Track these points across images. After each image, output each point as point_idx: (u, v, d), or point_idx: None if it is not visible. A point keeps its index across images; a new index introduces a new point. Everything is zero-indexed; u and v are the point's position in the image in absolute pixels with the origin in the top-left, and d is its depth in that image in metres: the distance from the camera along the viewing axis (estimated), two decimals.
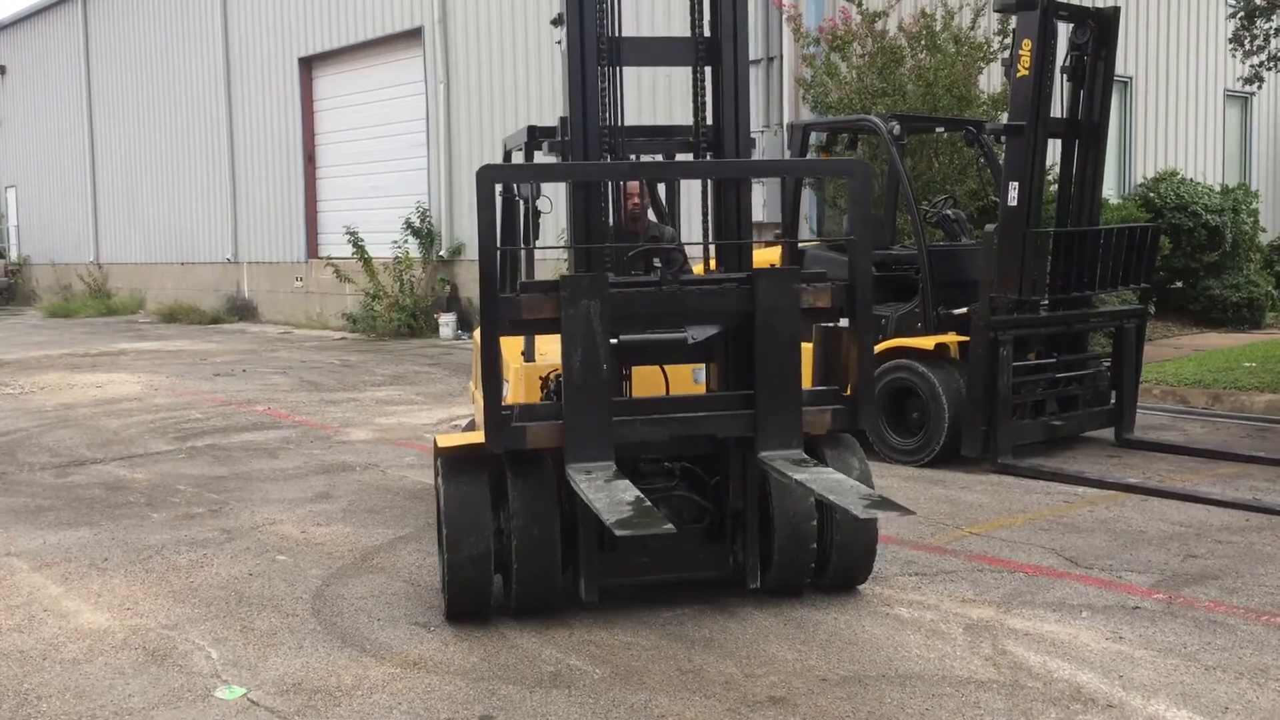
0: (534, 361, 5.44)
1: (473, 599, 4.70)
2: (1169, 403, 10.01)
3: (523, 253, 5.78)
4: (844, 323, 4.64)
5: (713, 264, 5.01)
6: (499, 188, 6.31)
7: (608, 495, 4.06)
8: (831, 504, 4.04)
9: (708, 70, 4.92)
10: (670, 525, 3.87)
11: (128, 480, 7.68)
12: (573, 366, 4.33)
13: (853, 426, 4.65)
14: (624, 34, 4.89)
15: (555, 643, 4.53)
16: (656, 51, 5.32)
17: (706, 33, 4.93)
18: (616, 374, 4.53)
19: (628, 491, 4.10)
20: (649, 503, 4.00)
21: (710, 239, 4.97)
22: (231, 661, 4.41)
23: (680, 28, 5.07)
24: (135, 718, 3.92)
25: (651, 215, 6.52)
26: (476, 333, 6.43)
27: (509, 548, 4.60)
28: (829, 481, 4.21)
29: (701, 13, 4.92)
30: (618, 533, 3.81)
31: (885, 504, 4.02)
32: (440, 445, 4.81)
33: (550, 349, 5.15)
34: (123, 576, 5.52)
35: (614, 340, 4.41)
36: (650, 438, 4.50)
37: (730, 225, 4.84)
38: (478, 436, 4.62)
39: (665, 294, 4.49)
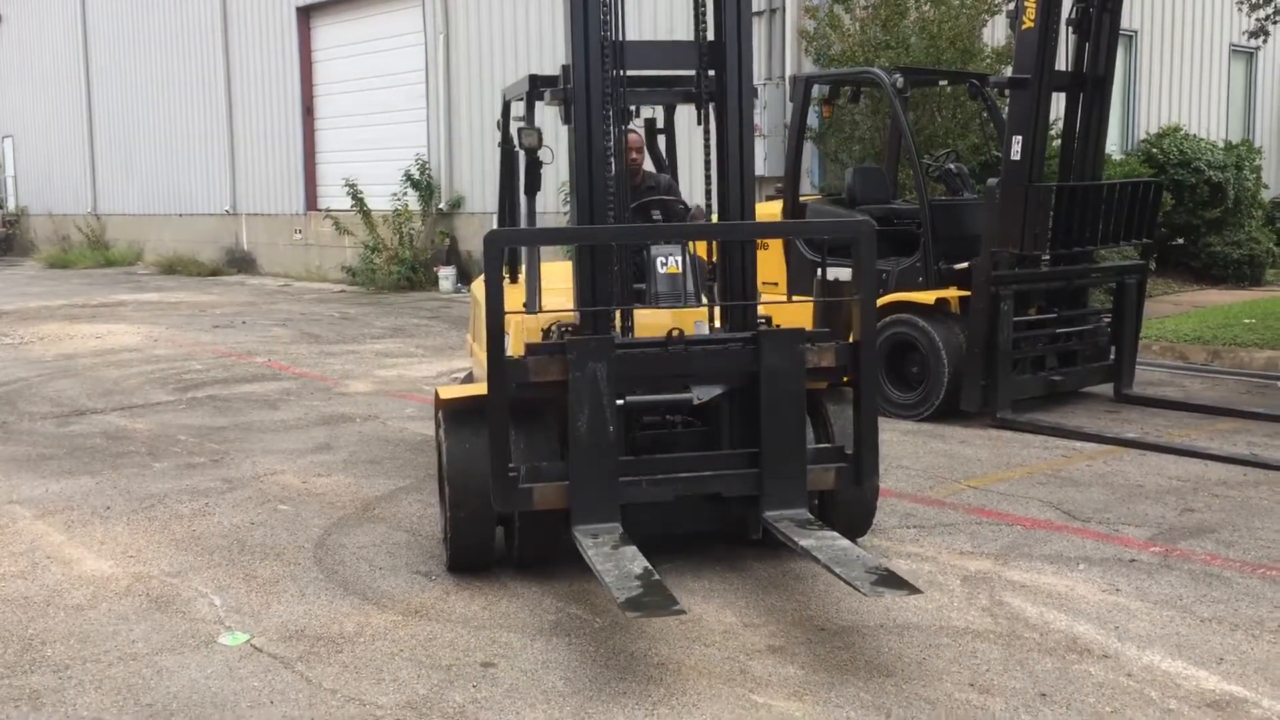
0: (536, 313, 5.42)
1: (475, 552, 4.74)
2: (1168, 359, 10.02)
3: (523, 203, 5.74)
4: (846, 275, 4.62)
5: (714, 219, 4.99)
6: (499, 138, 6.29)
7: (615, 566, 4.07)
8: (837, 577, 4.05)
9: (710, 20, 4.88)
10: (680, 607, 3.86)
11: (129, 430, 7.70)
12: (580, 429, 4.36)
13: (857, 486, 4.67)
14: None
15: (556, 592, 4.56)
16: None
17: None
18: (622, 435, 4.57)
19: (635, 562, 4.11)
20: (656, 576, 4.01)
21: (713, 194, 4.95)
22: (234, 608, 4.45)
23: None
24: (139, 663, 3.96)
25: (650, 165, 6.50)
26: (474, 284, 6.41)
27: None
28: (834, 551, 4.21)
29: None
30: (627, 614, 3.86)
31: (892, 581, 3.99)
32: (442, 397, 4.82)
33: (554, 301, 5.14)
34: (125, 524, 5.55)
35: (620, 401, 4.45)
36: (656, 498, 4.54)
37: (733, 179, 4.82)
38: (479, 389, 4.62)
39: (671, 355, 4.54)
